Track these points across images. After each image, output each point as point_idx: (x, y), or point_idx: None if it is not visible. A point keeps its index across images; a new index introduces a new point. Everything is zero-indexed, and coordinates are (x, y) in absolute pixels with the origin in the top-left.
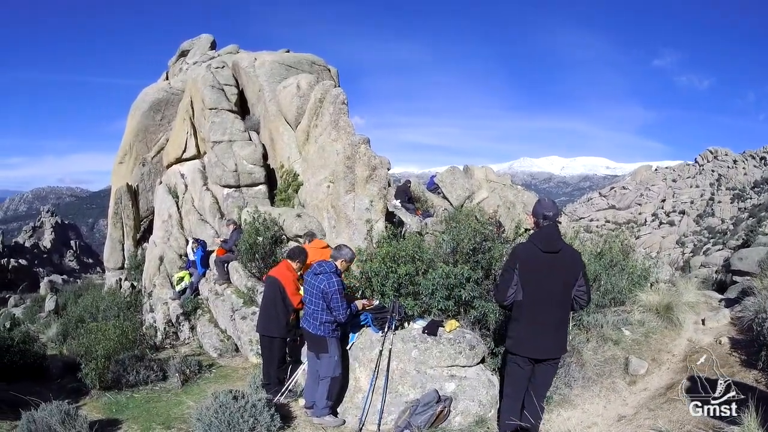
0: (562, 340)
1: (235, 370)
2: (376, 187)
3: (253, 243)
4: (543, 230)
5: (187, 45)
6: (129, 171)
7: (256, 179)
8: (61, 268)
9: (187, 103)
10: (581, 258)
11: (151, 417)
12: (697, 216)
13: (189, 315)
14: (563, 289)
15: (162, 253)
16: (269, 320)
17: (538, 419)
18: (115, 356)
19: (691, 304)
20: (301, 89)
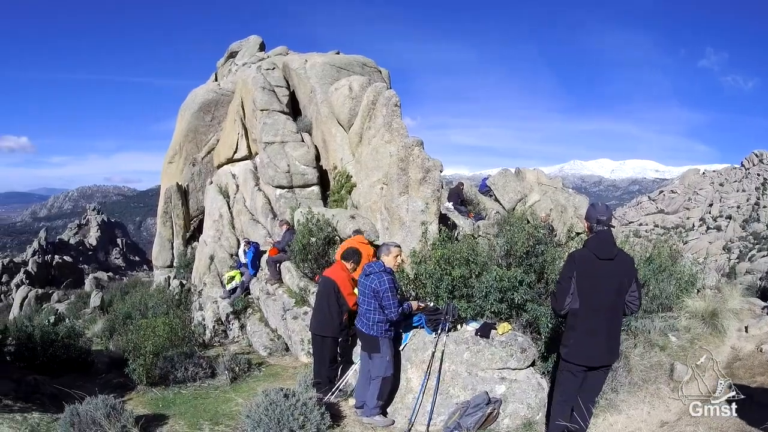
0: (615, 347)
1: (284, 369)
2: (429, 189)
3: (307, 243)
4: (598, 236)
5: (235, 46)
6: (179, 171)
7: (309, 180)
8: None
9: (238, 104)
10: (634, 263)
11: (199, 413)
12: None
13: (239, 314)
14: (618, 296)
15: (213, 252)
16: (323, 320)
17: (586, 423)
18: (164, 353)
19: (735, 311)
20: (353, 91)
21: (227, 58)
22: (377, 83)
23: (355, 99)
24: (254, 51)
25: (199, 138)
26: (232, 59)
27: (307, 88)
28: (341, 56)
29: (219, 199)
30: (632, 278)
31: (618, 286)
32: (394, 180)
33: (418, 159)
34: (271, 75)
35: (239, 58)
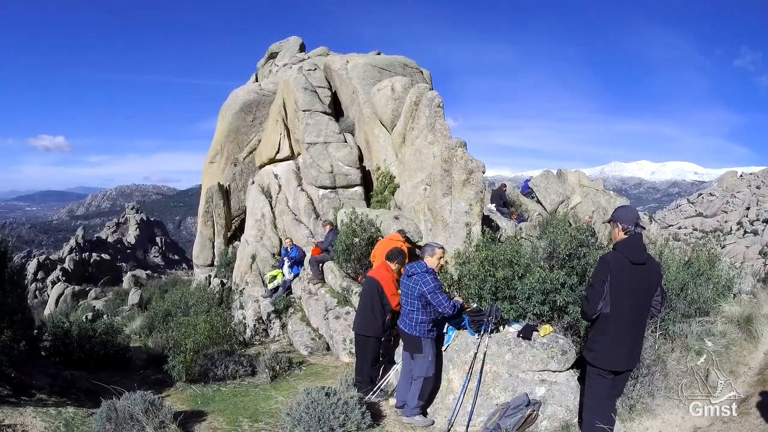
0: (639, 352)
1: (325, 368)
2: (473, 190)
3: (350, 244)
4: (632, 240)
5: (275, 47)
6: (220, 170)
7: (352, 181)
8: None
9: (280, 104)
10: (660, 268)
11: (238, 410)
12: None
13: (280, 313)
14: (646, 301)
15: (255, 251)
16: (366, 319)
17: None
18: (204, 350)
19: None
20: (395, 92)
21: (267, 59)
22: (420, 84)
23: (397, 100)
24: (294, 52)
25: (241, 138)
26: (273, 60)
27: (349, 88)
28: (382, 57)
29: (261, 199)
30: (659, 284)
31: (647, 291)
32: (438, 181)
33: (462, 160)
34: (313, 76)
35: (280, 58)
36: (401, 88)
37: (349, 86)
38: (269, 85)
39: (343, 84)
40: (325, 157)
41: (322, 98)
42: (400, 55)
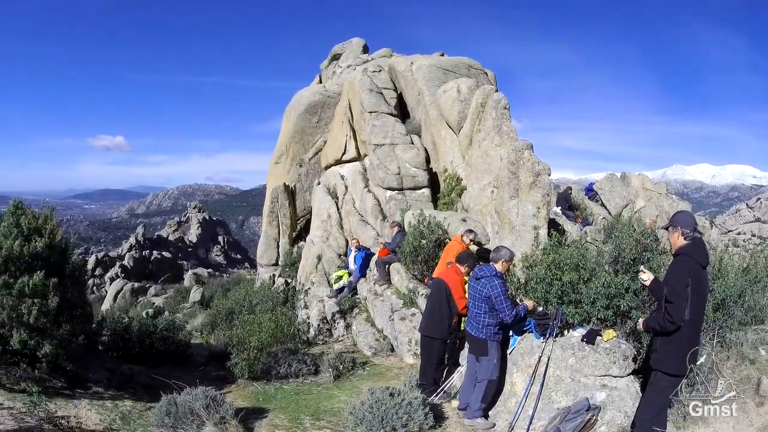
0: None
1: (389, 369)
2: (539, 193)
3: (418, 245)
4: (698, 243)
5: (338, 48)
6: (285, 171)
7: (419, 182)
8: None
9: (345, 106)
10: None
11: (300, 408)
12: None
13: (345, 313)
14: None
15: (320, 251)
16: (433, 321)
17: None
18: (268, 348)
19: None
20: (461, 93)
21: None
22: (485, 86)
23: (463, 102)
24: (358, 53)
25: (306, 139)
26: (336, 61)
27: (415, 90)
28: (446, 58)
29: (327, 200)
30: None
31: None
32: (505, 184)
33: (528, 163)
34: (378, 77)
35: (343, 60)
36: (467, 90)
37: (414, 88)
38: (333, 87)
39: (409, 85)
40: (392, 159)
41: (387, 100)
42: (464, 56)
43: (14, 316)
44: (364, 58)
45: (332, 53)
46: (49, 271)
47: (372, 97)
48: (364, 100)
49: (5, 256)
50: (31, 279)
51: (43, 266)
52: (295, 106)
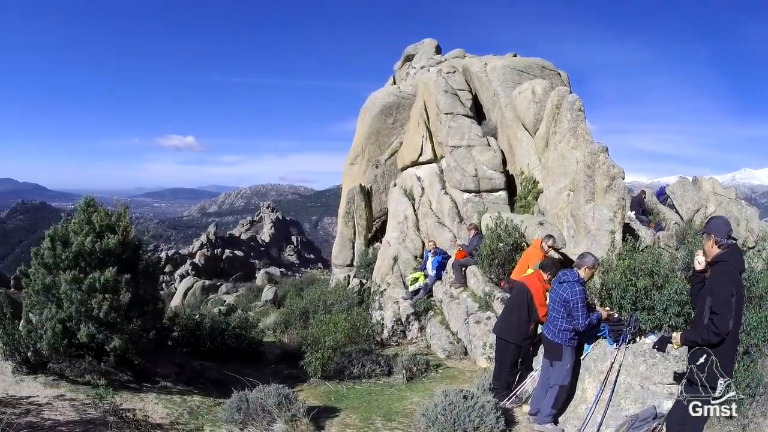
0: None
1: (461, 372)
2: (614, 197)
3: (495, 249)
4: (736, 251)
5: (411, 49)
6: (361, 172)
7: (496, 185)
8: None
9: (421, 107)
10: None
11: (372, 408)
12: None
13: (420, 315)
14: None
15: (396, 253)
16: (509, 325)
17: None
18: (342, 348)
19: None
20: (536, 95)
21: (404, 62)
22: (560, 87)
23: (538, 103)
24: (431, 54)
25: (382, 140)
26: (409, 62)
27: (490, 91)
28: (519, 59)
29: (404, 201)
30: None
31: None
32: (581, 187)
33: (604, 166)
34: (452, 78)
35: (416, 61)
36: (542, 91)
37: (489, 89)
38: (408, 88)
39: (483, 87)
40: (469, 161)
41: (463, 101)
42: (537, 57)
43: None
44: (437, 59)
45: (405, 54)
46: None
47: (447, 98)
48: (440, 101)
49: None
50: (102, 275)
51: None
52: (369, 107)
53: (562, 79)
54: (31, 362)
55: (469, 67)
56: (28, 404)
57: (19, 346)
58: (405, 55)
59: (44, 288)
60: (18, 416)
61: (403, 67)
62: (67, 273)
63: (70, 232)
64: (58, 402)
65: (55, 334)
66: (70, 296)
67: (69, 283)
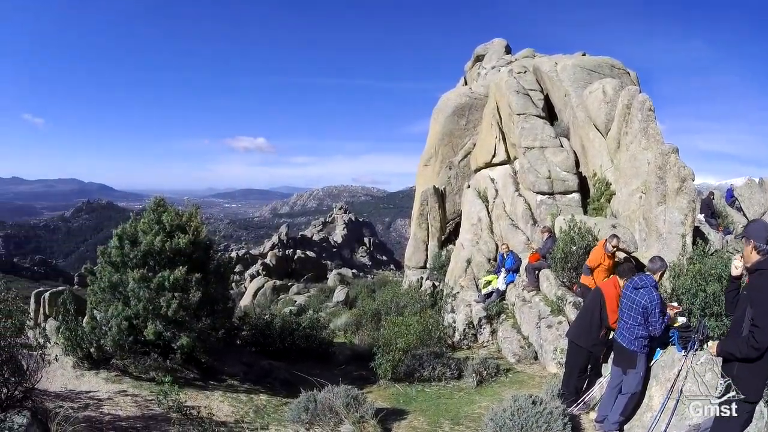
0: None
1: (531, 377)
2: (685, 199)
3: (568, 252)
4: None
5: (480, 50)
6: (435, 174)
7: (569, 187)
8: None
9: (493, 108)
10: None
11: (440, 412)
12: None
13: (491, 319)
14: None
15: (470, 255)
16: (582, 329)
17: None
18: (413, 350)
19: None
20: (607, 95)
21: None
22: (630, 86)
23: (609, 103)
24: (500, 54)
25: (455, 141)
26: (479, 62)
27: (561, 91)
28: (588, 58)
29: (477, 203)
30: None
31: None
32: (652, 189)
33: (675, 167)
34: (524, 78)
35: (486, 61)
36: (612, 91)
37: (560, 89)
38: (479, 88)
39: (554, 86)
40: (543, 162)
41: (535, 101)
42: (605, 56)
43: (151, 308)
44: (507, 59)
45: (475, 54)
46: (192, 266)
47: (519, 98)
48: (512, 101)
49: (144, 251)
50: (171, 274)
51: (186, 262)
52: (442, 108)
53: (632, 78)
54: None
55: (540, 66)
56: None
57: (82, 342)
58: (475, 55)
59: (111, 286)
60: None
61: (474, 68)
62: (135, 271)
63: (138, 232)
64: (119, 397)
65: (120, 331)
66: (137, 294)
67: (137, 282)
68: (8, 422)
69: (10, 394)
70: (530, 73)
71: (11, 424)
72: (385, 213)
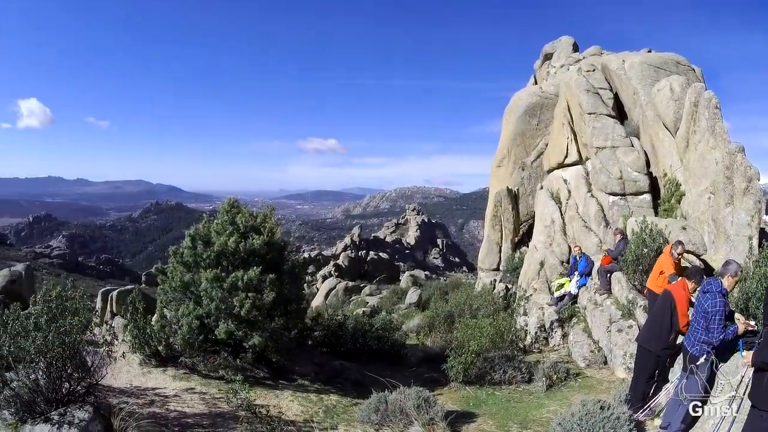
0: None
1: (599, 382)
2: (752, 200)
3: (639, 254)
4: None
5: (549, 48)
6: (508, 174)
7: (641, 187)
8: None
9: (564, 107)
10: None
11: (509, 415)
12: None
13: (563, 322)
14: None
15: (543, 257)
16: (652, 333)
17: None
18: (485, 353)
19: None
20: (674, 92)
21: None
22: (696, 84)
23: (677, 101)
24: (568, 52)
25: (527, 142)
26: (548, 61)
27: (630, 89)
28: (654, 54)
29: (551, 205)
30: None
31: None
32: (720, 189)
33: (741, 167)
34: (593, 77)
35: (555, 59)
36: (679, 89)
37: (628, 87)
38: (550, 87)
39: (623, 85)
40: (614, 163)
41: (605, 100)
42: (671, 53)
43: (223, 307)
44: (575, 57)
45: (544, 53)
46: (266, 267)
47: (590, 97)
48: (582, 101)
49: (218, 251)
50: (245, 274)
51: (260, 263)
52: (513, 108)
53: (697, 75)
54: (162, 355)
55: (608, 64)
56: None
57: (150, 340)
58: (544, 53)
59: (182, 285)
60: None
61: (543, 66)
62: (208, 271)
63: (212, 232)
64: (186, 395)
65: (191, 330)
66: (210, 294)
67: (210, 282)
68: (68, 416)
69: (72, 389)
70: (598, 71)
71: (71, 418)
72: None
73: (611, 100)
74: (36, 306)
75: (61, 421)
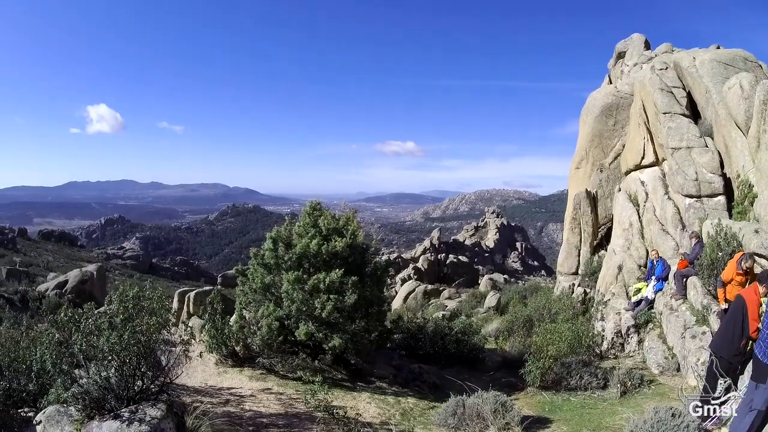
0: None
1: (672, 390)
2: None
3: (715, 258)
4: None
5: (621, 46)
6: (586, 176)
7: (715, 189)
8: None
9: (639, 107)
10: None
11: (583, 422)
12: None
13: (639, 328)
14: None
15: (621, 262)
16: (724, 339)
17: None
18: (563, 359)
19: None
20: (744, 90)
21: (616, 59)
22: (765, 81)
23: (747, 99)
24: (640, 50)
25: (605, 143)
26: (621, 60)
27: (702, 87)
28: (723, 51)
29: (628, 207)
30: None
31: None
32: None
33: None
34: (666, 75)
35: (628, 58)
36: (749, 86)
37: (700, 85)
38: (624, 87)
39: (695, 83)
40: (690, 164)
41: (678, 99)
42: (738, 49)
43: (304, 309)
44: (647, 54)
45: (616, 51)
46: (348, 269)
47: (664, 96)
48: (657, 100)
49: (299, 253)
50: (327, 276)
51: (342, 265)
52: (590, 108)
53: (764, 72)
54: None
55: (679, 62)
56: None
57: (228, 340)
58: (617, 52)
59: (263, 287)
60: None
61: (617, 65)
62: (289, 273)
63: (293, 235)
64: (263, 395)
65: (270, 331)
66: (291, 295)
67: (291, 283)
68: (139, 414)
69: (144, 387)
70: (671, 69)
71: (143, 416)
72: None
73: (684, 99)
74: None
75: (131, 419)
